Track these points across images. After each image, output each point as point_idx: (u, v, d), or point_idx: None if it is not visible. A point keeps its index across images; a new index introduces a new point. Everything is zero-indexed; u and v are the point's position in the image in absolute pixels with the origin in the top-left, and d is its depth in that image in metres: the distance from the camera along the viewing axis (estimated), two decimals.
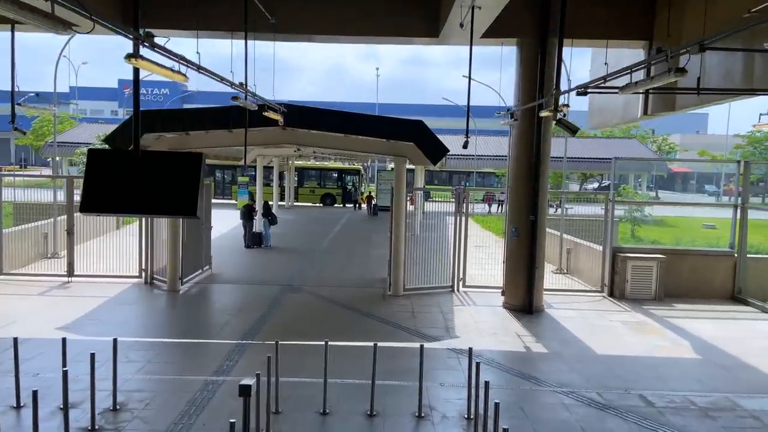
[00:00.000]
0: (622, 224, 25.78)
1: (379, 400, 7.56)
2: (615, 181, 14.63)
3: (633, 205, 27.42)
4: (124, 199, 6.65)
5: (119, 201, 6.66)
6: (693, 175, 78.40)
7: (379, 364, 7.50)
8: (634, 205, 27.72)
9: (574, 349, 10.33)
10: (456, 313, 12.38)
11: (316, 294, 13.84)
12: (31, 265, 15.51)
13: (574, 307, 13.20)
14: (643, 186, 54.83)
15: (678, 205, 36.15)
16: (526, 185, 12.11)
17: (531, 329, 11.40)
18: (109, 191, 6.67)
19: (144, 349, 9.52)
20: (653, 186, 63.78)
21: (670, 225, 34.17)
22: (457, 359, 9.53)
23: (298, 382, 8.34)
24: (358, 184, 41.28)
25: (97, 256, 15.09)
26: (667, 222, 35.13)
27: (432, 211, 16.62)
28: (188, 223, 14.37)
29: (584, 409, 7.78)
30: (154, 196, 6.69)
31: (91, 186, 6.73)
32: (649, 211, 30.33)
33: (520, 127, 11.92)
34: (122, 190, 6.68)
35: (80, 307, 11.89)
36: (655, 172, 57.16)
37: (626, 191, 35.00)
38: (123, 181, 6.70)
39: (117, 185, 6.69)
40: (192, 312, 12.37)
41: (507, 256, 12.97)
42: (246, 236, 20.39)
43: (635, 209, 27.58)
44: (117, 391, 7.50)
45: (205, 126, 12.16)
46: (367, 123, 12.18)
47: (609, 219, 14.26)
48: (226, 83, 7.78)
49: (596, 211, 16.34)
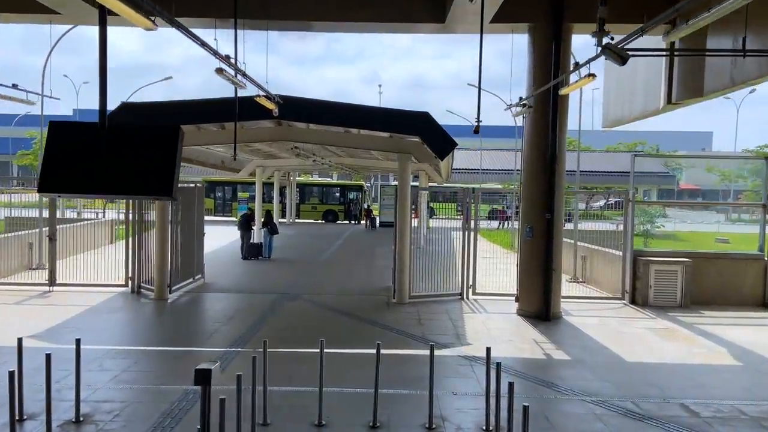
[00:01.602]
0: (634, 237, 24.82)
1: (383, 410, 6.55)
2: (632, 184, 13.66)
3: (654, 206, 26.64)
4: (90, 177, 5.72)
5: (83, 180, 5.73)
6: (700, 192, 77.45)
7: (383, 372, 6.56)
8: (656, 206, 27.04)
9: (600, 356, 9.30)
10: (466, 321, 11.38)
11: (314, 302, 12.86)
12: (13, 275, 14.57)
13: (593, 314, 12.18)
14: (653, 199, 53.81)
15: (699, 205, 35.11)
16: (540, 180, 11.20)
17: (550, 336, 10.38)
18: (73, 169, 5.75)
19: (121, 357, 8.54)
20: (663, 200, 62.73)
21: (682, 239, 33.13)
22: (470, 366, 8.52)
23: (292, 391, 7.38)
24: (361, 201, 40.41)
25: (83, 267, 14.17)
26: (679, 236, 34.09)
27: (437, 227, 15.66)
28: (179, 229, 13.48)
29: (620, 419, 6.76)
30: (124, 174, 5.75)
31: (52, 163, 5.78)
32: (661, 223, 29.35)
33: (533, 116, 11.06)
34: (87, 167, 5.76)
35: (57, 316, 10.93)
36: (663, 185, 56.19)
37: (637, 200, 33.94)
38: (88, 158, 5.78)
39: (81, 162, 5.78)
40: (178, 320, 11.41)
41: (521, 258, 12.00)
42: (243, 247, 19.45)
43: (647, 220, 26.62)
44: (81, 401, 6.54)
45: (195, 119, 11.32)
46: (370, 116, 11.34)
47: (629, 220, 13.31)
48: (208, 50, 6.93)
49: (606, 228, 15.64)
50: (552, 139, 10.76)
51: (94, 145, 5.82)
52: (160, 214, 12.56)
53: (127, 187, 5.79)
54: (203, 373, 4.07)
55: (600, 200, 57.20)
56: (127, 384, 7.48)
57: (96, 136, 5.88)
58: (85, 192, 6.36)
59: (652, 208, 28.12)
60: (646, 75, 12.43)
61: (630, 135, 66.23)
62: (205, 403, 4.18)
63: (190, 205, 13.98)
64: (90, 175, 5.71)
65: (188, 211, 13.94)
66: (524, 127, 11.51)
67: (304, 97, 11.30)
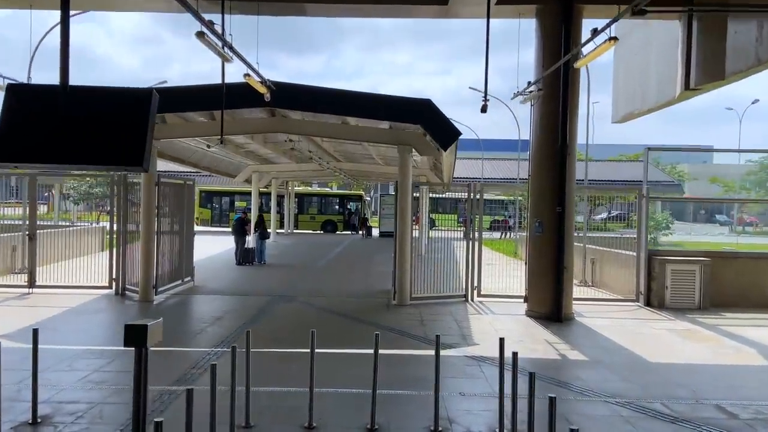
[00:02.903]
0: None
1: (382, 411, 5.78)
2: (646, 179, 12.95)
3: (662, 214, 25.96)
4: (51, 146, 5.00)
5: (44, 149, 5.01)
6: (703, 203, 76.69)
7: (383, 372, 5.82)
8: (671, 201, 26.42)
9: (620, 357, 8.53)
10: (472, 322, 10.61)
11: (310, 304, 12.09)
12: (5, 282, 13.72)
13: (607, 316, 11.40)
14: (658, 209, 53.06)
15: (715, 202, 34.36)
16: (550, 171, 10.49)
17: (563, 337, 9.60)
18: (32, 137, 5.04)
19: (94, 357, 7.77)
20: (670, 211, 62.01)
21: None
22: (478, 367, 7.75)
23: (281, 391, 6.63)
24: (361, 211, 39.66)
25: (67, 269, 13.42)
26: (685, 246, 33.35)
27: (438, 237, 14.90)
28: (166, 228, 12.75)
29: (650, 422, 5.97)
30: (90, 141, 5.02)
31: (10, 131, 5.04)
32: (669, 232, 28.67)
33: (542, 102, 10.38)
34: (48, 135, 5.05)
35: (32, 317, 10.18)
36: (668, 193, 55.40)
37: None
38: (49, 124, 5.08)
39: (42, 129, 5.07)
40: (165, 321, 10.60)
41: (529, 256, 11.25)
42: (237, 253, 18.68)
43: (654, 227, 25.90)
44: (42, 402, 5.84)
45: (182, 106, 10.62)
46: (370, 103, 10.65)
47: (643, 217, 12.58)
48: (189, 11, 6.21)
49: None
50: (562, 124, 10.08)
51: (56, 110, 5.07)
52: (146, 211, 11.83)
53: (92, 156, 5.00)
54: (136, 331, 3.31)
55: (602, 212, 56.48)
56: (97, 384, 6.70)
57: (58, 99, 5.15)
58: (46, 161, 5.55)
59: (661, 216, 27.43)
60: (660, 63, 11.79)
61: (632, 148, 65.77)
62: (140, 379, 3.38)
63: (178, 203, 13.26)
64: (51, 144, 4.94)
65: (176, 209, 13.22)
66: (532, 116, 10.83)
67: (299, 83, 10.64)
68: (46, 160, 5.39)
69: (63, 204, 37.38)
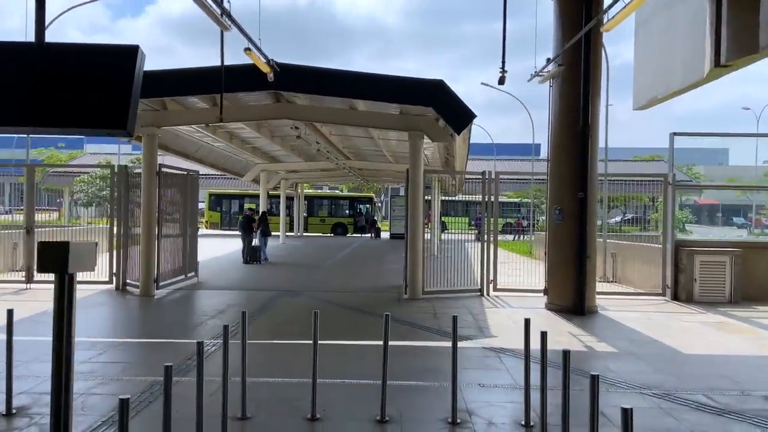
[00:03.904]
0: None
1: (393, 403, 5.20)
2: (672, 165, 12.28)
3: (682, 212, 25.16)
4: (25, 108, 4.48)
5: (17, 112, 4.48)
6: (719, 207, 75.40)
7: (394, 364, 5.30)
8: (699, 188, 25.66)
9: (652, 348, 7.87)
10: (489, 315, 9.98)
11: (318, 298, 11.52)
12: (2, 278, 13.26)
13: (633, 309, 10.72)
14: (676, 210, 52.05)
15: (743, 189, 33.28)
16: (571, 155, 9.87)
17: (587, 329, 8.95)
18: (3, 99, 4.52)
19: (84, 348, 7.23)
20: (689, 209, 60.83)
21: None
22: (497, 358, 7.13)
23: (282, 382, 6.05)
24: (371, 213, 39.09)
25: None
26: None
27: (449, 239, 14.26)
28: (169, 221, 12.27)
29: (694, 414, 5.33)
30: (68, 102, 4.48)
31: None
32: (689, 231, 27.81)
33: (561, 81, 9.78)
34: (23, 96, 4.53)
35: (25, 310, 9.67)
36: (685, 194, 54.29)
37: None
38: (24, 85, 4.56)
39: (16, 90, 4.56)
40: (161, 314, 10.13)
41: (549, 245, 10.61)
42: (244, 251, 18.15)
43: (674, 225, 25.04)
44: (22, 392, 5.37)
45: (181, 89, 10.12)
46: (379, 84, 10.09)
47: (669, 207, 11.90)
48: None
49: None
50: (584, 103, 9.46)
51: (31, 69, 4.52)
52: (146, 202, 11.35)
53: (71, 118, 4.43)
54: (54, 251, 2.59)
55: (617, 215, 55.42)
56: (83, 375, 6.16)
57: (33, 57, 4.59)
58: (21, 124, 4.98)
59: (681, 214, 26.60)
60: (686, 44, 11.10)
61: (645, 151, 64.80)
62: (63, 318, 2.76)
63: (181, 196, 12.77)
64: (26, 106, 4.40)
65: (179, 202, 12.74)
66: (551, 96, 10.22)
67: (305, 65, 10.12)
68: (20, 123, 4.80)
69: (75, 210, 37.17)
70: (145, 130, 11.23)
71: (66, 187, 39.91)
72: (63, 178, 39.13)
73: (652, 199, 36.45)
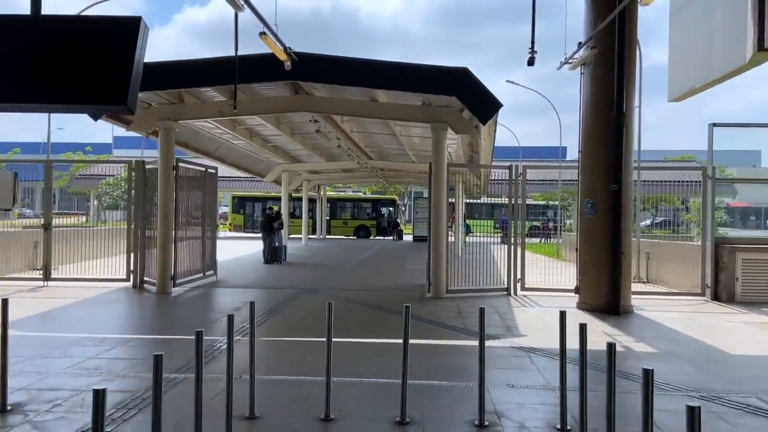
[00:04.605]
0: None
1: (415, 403, 4.76)
2: (711, 159, 11.63)
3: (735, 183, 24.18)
4: (20, 84, 4.16)
5: (12, 88, 4.17)
6: (752, 210, 73.24)
7: (416, 363, 4.92)
8: (739, 182, 24.60)
9: (694, 349, 7.29)
10: (516, 314, 9.47)
11: (337, 296, 11.11)
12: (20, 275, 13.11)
13: (671, 309, 10.10)
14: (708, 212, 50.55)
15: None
16: (604, 145, 9.33)
17: (623, 329, 8.39)
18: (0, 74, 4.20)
19: (92, 344, 6.94)
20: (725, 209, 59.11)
21: None
22: (527, 358, 6.64)
23: (295, 380, 5.66)
24: (394, 215, 38.65)
25: (88, 265, 12.73)
26: None
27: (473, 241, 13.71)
28: (186, 218, 12.01)
29: (750, 419, 4.79)
30: (64, 78, 4.14)
31: None
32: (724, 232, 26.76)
33: (595, 67, 9.25)
34: (18, 71, 4.22)
35: (40, 307, 9.48)
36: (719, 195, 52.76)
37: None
38: (18, 60, 4.25)
39: (8, 66, 4.24)
40: (177, 311, 9.84)
41: (581, 241, 10.06)
42: (265, 250, 17.85)
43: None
44: (21, 388, 5.12)
45: (196, 81, 9.84)
46: (400, 73, 9.67)
47: (708, 201, 11.25)
48: None
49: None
50: (618, 89, 8.92)
51: (27, 43, 4.18)
52: (162, 198, 11.10)
53: (68, 94, 4.08)
54: None
55: (646, 218, 54.00)
56: (87, 371, 5.85)
57: (29, 30, 4.25)
58: (16, 101, 4.65)
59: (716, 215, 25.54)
60: (726, 31, 10.49)
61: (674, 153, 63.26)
62: None
63: (199, 193, 12.51)
64: (22, 81, 4.07)
65: (198, 199, 12.48)
66: (582, 83, 9.70)
67: (323, 54, 9.76)
68: (15, 99, 4.44)
69: (102, 214, 37.43)
70: (161, 124, 11.00)
71: (92, 190, 40.34)
72: (89, 181, 39.54)
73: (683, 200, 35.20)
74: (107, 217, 36.14)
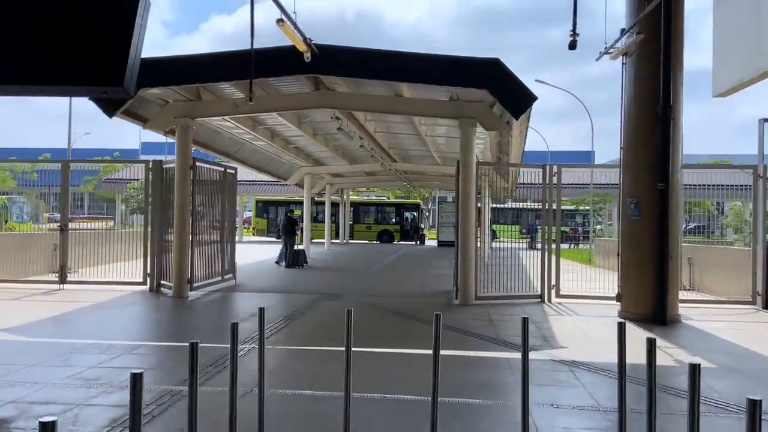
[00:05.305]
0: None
1: (446, 424, 4.16)
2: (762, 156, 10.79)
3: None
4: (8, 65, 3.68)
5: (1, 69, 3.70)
6: None
7: (446, 377, 4.27)
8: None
9: (755, 363, 6.57)
10: (553, 323, 8.79)
11: (360, 302, 10.56)
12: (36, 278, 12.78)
13: (722, 319, 9.31)
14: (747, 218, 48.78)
15: None
16: (649, 140, 8.62)
17: (673, 341, 7.65)
18: None
19: (97, 351, 6.47)
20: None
21: None
22: (570, 373, 5.96)
23: (312, 395, 5.08)
24: (418, 220, 37.99)
25: (107, 268, 12.35)
26: None
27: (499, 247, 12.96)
28: (205, 221, 11.59)
29: None
30: (53, 57, 3.64)
31: None
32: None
33: (639, 55, 8.55)
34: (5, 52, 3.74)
35: (52, 311, 9.12)
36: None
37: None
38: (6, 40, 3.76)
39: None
40: (192, 316, 9.38)
41: (623, 244, 9.33)
42: (287, 254, 17.36)
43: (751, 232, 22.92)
44: (12, 401, 4.62)
45: (212, 76, 9.39)
46: (427, 64, 9.10)
47: (759, 203, 10.43)
48: None
49: None
50: (665, 78, 8.20)
51: (16, 21, 3.67)
52: (179, 198, 10.68)
53: (57, 74, 3.56)
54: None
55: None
56: (87, 382, 5.35)
57: (18, 7, 3.73)
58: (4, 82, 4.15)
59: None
60: None
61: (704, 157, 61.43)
62: None
63: (218, 194, 12.08)
64: (11, 62, 3.58)
65: (216, 200, 12.05)
66: (624, 74, 9.00)
67: (345, 45, 9.24)
68: (3, 81, 3.92)
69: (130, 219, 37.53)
70: (178, 121, 10.60)
71: (118, 194, 40.53)
72: (116, 185, 39.74)
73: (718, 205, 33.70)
74: (134, 221, 36.21)
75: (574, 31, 6.89)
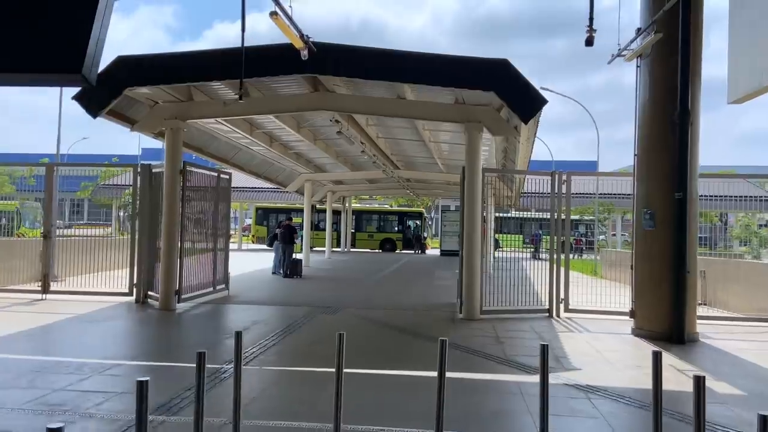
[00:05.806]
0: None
1: None
2: None
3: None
4: None
5: None
6: None
7: (449, 402, 3.61)
8: None
9: None
10: (563, 341, 8.21)
11: (359, 315, 10.00)
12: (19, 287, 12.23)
13: (743, 338, 8.73)
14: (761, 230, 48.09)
15: None
16: (664, 147, 8.08)
17: (693, 362, 7.10)
18: None
19: (67, 372, 5.91)
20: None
21: None
22: (587, 400, 5.39)
23: (299, 428, 4.51)
24: (421, 229, 37.41)
25: (93, 277, 11.82)
26: None
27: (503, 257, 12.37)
28: (195, 228, 11.05)
29: None
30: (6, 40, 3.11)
31: None
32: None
33: (654, 57, 8.03)
34: None
35: (29, 324, 8.56)
36: None
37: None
38: None
39: None
40: (177, 331, 8.82)
41: (638, 257, 8.77)
42: (283, 263, 16.81)
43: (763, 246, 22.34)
44: None
45: (203, 74, 8.87)
46: (432, 64, 8.58)
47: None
48: None
49: None
50: (682, 83, 7.67)
51: None
52: (168, 205, 10.16)
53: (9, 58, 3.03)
54: None
55: None
56: (49, 407, 4.80)
57: None
58: None
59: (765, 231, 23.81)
60: None
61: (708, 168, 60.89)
62: None
63: (211, 200, 11.55)
64: None
65: (209, 206, 11.52)
66: (639, 77, 8.48)
67: (345, 44, 8.74)
68: None
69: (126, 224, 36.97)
70: (168, 123, 10.09)
71: (114, 200, 40.04)
72: (112, 190, 39.21)
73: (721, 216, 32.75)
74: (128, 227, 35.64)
75: (590, 26, 6.39)
